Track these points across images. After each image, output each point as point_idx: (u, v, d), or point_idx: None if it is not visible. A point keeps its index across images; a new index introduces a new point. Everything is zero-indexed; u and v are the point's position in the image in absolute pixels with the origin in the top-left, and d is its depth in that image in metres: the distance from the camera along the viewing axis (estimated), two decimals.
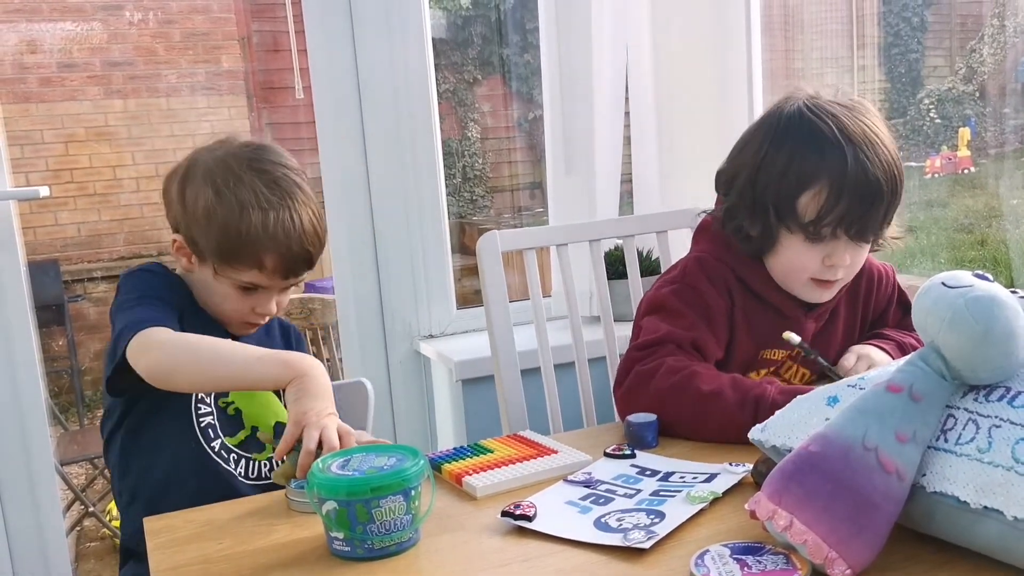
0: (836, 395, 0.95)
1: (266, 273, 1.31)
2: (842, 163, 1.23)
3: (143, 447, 1.34)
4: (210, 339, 1.23)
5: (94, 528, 3.45)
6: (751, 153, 1.31)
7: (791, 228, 1.29)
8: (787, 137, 1.28)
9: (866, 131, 1.25)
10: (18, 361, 1.97)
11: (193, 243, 1.33)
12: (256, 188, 1.29)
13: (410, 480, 0.94)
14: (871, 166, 1.23)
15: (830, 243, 1.28)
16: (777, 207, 1.29)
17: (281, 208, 1.29)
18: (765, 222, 1.30)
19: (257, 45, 5.98)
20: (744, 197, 1.32)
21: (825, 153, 1.24)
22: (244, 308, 1.35)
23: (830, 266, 1.30)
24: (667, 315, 1.33)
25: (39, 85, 5.68)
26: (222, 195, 1.29)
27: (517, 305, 1.70)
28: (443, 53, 5.06)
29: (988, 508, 0.79)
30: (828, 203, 1.24)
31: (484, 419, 2.07)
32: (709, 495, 1.02)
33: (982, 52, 3.92)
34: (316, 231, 1.33)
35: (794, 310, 1.37)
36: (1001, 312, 0.82)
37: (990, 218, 3.38)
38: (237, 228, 1.28)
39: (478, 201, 5.39)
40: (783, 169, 1.27)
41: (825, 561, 0.80)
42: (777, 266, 1.34)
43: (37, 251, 5.44)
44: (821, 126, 1.25)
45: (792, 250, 1.30)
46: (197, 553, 0.98)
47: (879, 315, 1.48)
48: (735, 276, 1.35)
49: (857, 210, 1.25)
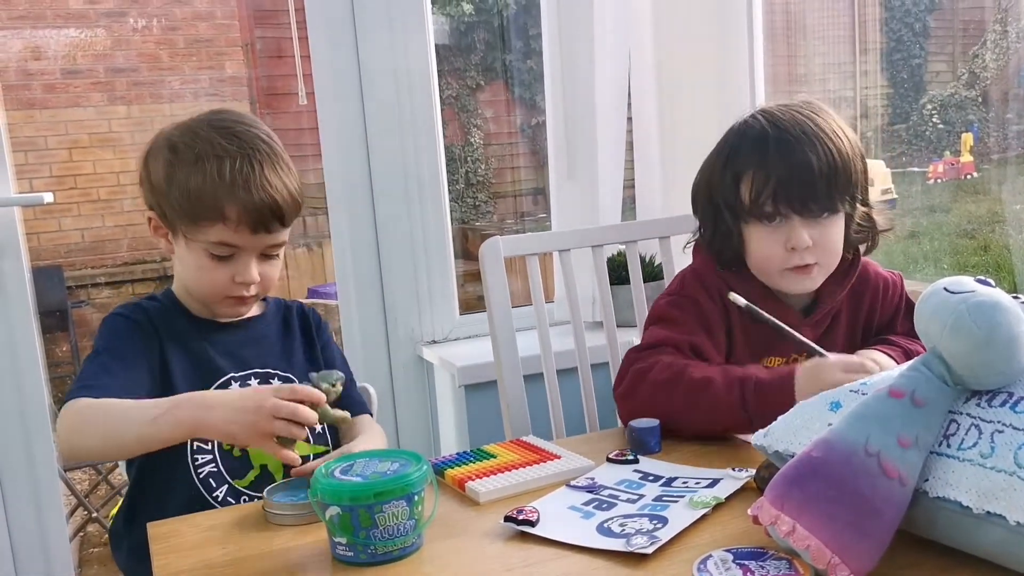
0: (838, 400, 0.95)
1: (231, 226, 1.26)
2: (764, 144, 1.29)
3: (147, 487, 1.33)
4: (113, 405, 1.17)
5: (97, 533, 3.45)
6: (704, 171, 1.40)
7: (745, 219, 1.33)
8: (725, 143, 1.36)
9: (796, 117, 1.31)
10: (22, 367, 1.97)
11: (163, 216, 1.30)
12: (213, 140, 1.26)
13: (413, 485, 0.94)
14: (795, 142, 1.28)
15: (784, 225, 1.30)
16: (728, 205, 1.34)
17: (239, 157, 1.25)
18: (725, 226, 1.35)
19: (260, 51, 5.99)
20: (706, 211, 1.39)
21: (753, 142, 1.31)
22: (223, 278, 1.29)
23: (792, 249, 1.31)
24: (665, 323, 1.37)
25: (43, 91, 5.69)
26: (178, 152, 1.27)
27: (520, 310, 1.70)
28: (446, 59, 5.08)
29: (991, 513, 0.79)
30: (758, 181, 1.29)
31: (487, 424, 2.07)
32: (712, 500, 1.02)
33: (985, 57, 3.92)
34: (283, 183, 1.28)
35: (791, 317, 1.37)
36: (1003, 318, 0.83)
37: (993, 223, 3.38)
38: (195, 181, 1.25)
39: (481, 207, 5.40)
40: (722, 169, 1.34)
41: (828, 566, 0.80)
42: (753, 267, 1.37)
43: (41, 257, 5.45)
44: (751, 123, 1.34)
45: (756, 242, 1.33)
46: (200, 558, 0.99)
47: (886, 323, 1.47)
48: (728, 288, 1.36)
49: (789, 182, 1.28)
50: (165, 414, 1.12)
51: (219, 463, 1.30)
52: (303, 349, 1.43)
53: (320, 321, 1.48)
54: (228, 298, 1.32)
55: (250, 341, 1.38)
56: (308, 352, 1.44)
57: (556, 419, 1.67)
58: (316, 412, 1.08)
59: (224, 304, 1.34)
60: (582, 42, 2.20)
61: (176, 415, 1.11)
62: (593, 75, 2.20)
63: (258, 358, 1.37)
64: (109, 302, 5.65)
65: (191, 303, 1.36)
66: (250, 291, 1.32)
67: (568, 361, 1.70)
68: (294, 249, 5.54)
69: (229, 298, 1.32)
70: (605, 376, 1.72)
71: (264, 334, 1.40)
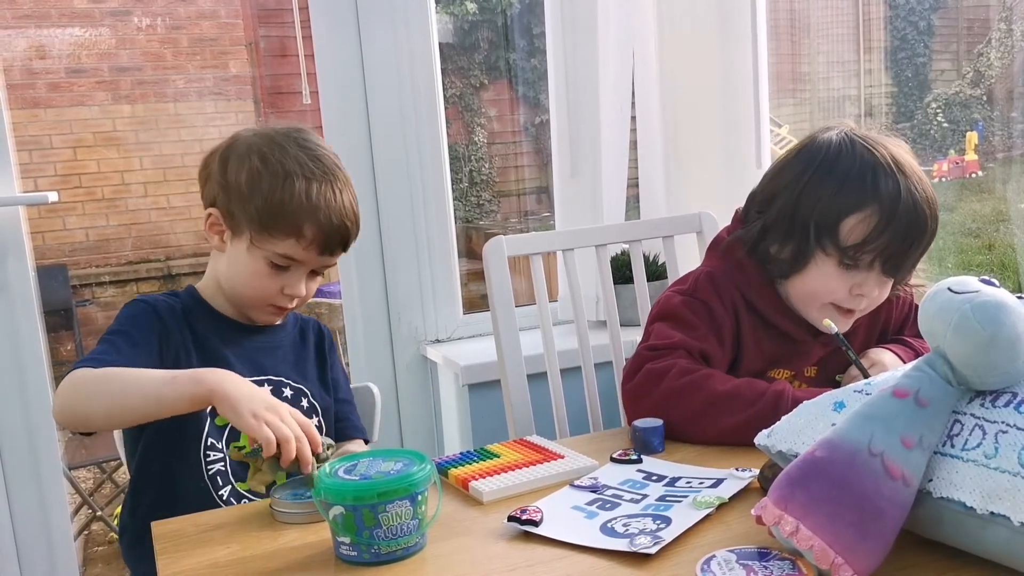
0: (842, 400, 0.95)
1: (303, 244, 1.30)
2: (896, 191, 1.23)
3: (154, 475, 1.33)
4: (122, 370, 1.18)
5: (102, 532, 3.46)
6: (794, 175, 1.30)
7: (828, 251, 1.27)
8: (839, 161, 1.27)
9: (913, 165, 1.27)
10: (26, 365, 1.98)
11: (230, 215, 1.32)
12: (300, 159, 1.30)
13: (417, 485, 0.94)
14: (919, 198, 1.24)
15: (863, 272, 1.28)
16: (820, 227, 1.27)
17: (324, 181, 1.30)
18: (802, 243, 1.28)
19: (264, 50, 6.00)
20: (783, 217, 1.30)
21: (879, 179, 1.24)
22: (273, 287, 1.33)
23: (857, 295, 1.29)
24: (678, 324, 1.34)
25: (47, 90, 5.70)
26: (267, 162, 1.29)
27: (523, 310, 1.70)
28: (450, 58, 5.07)
29: (995, 514, 0.79)
30: (876, 229, 1.24)
31: (490, 424, 2.07)
32: (715, 500, 1.02)
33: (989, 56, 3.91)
34: (354, 211, 1.35)
35: (803, 335, 1.36)
36: (1007, 317, 0.82)
37: (997, 222, 3.38)
38: (281, 195, 1.28)
39: (485, 206, 5.39)
40: (834, 190, 1.25)
41: (831, 567, 0.80)
42: (800, 288, 1.32)
43: (46, 256, 5.46)
44: (876, 153, 1.25)
45: (823, 274, 1.29)
46: (204, 557, 0.99)
47: (896, 331, 1.47)
48: (742, 297, 1.36)
49: (900, 241, 1.24)
50: (184, 375, 1.14)
51: (227, 463, 1.32)
52: (315, 364, 1.45)
53: (332, 341, 1.51)
54: (271, 306, 1.36)
55: (268, 348, 1.40)
56: (319, 369, 1.46)
57: (559, 419, 1.67)
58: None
59: (264, 311, 1.37)
60: (586, 41, 2.20)
61: (197, 375, 1.13)
62: (597, 74, 2.20)
63: (273, 366, 1.38)
64: (113, 301, 5.66)
65: (219, 302, 1.37)
66: (293, 303, 1.36)
67: (571, 360, 1.70)
68: None
69: (272, 306, 1.36)
70: (609, 376, 1.72)
71: (281, 343, 1.42)
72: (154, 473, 1.33)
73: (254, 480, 1.12)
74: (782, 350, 1.36)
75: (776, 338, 1.36)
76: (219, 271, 1.36)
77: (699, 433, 1.23)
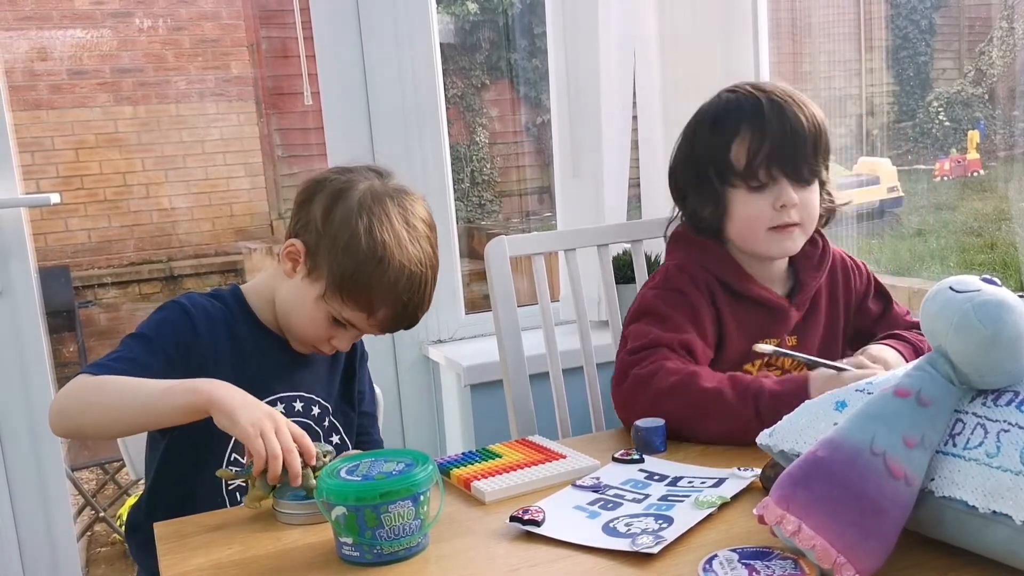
0: (844, 400, 0.95)
1: (371, 321, 1.29)
2: (758, 107, 1.34)
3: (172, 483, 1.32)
4: (119, 379, 1.17)
5: (104, 533, 3.46)
6: (683, 141, 1.44)
7: (733, 183, 1.37)
8: (708, 110, 1.41)
9: (776, 86, 1.38)
10: (29, 367, 1.98)
11: (313, 259, 1.28)
12: (402, 241, 1.26)
13: (419, 485, 0.94)
14: (785, 106, 1.34)
15: (773, 188, 1.35)
16: (715, 168, 1.37)
17: (417, 272, 1.28)
18: (711, 190, 1.38)
19: (266, 51, 6.00)
20: (688, 177, 1.42)
21: (742, 104, 1.36)
22: (323, 335, 1.31)
23: (782, 207, 1.35)
24: (654, 319, 1.36)
25: (49, 92, 5.71)
26: (371, 234, 1.25)
27: (525, 310, 1.70)
28: (451, 58, 5.07)
29: (997, 513, 0.79)
30: (754, 144, 1.34)
31: (492, 424, 2.07)
32: (717, 500, 1.02)
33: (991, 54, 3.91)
34: (430, 301, 1.32)
35: (777, 299, 1.42)
36: (1009, 316, 0.82)
37: (999, 221, 3.38)
38: (370, 274, 1.25)
39: (486, 206, 5.39)
40: (709, 132, 1.38)
41: (833, 566, 0.80)
42: (737, 230, 1.39)
43: (48, 257, 5.47)
44: (736, 91, 1.39)
45: (743, 205, 1.37)
46: (207, 558, 0.99)
47: (858, 305, 1.52)
48: (715, 278, 1.40)
49: (783, 146, 1.33)
50: (181, 384, 1.12)
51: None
52: (341, 380, 1.44)
53: (366, 355, 1.50)
54: (313, 348, 1.35)
55: (303, 364, 1.38)
56: (344, 385, 1.45)
57: (561, 418, 1.67)
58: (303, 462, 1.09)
59: (303, 347, 1.35)
60: (587, 41, 2.20)
61: (193, 384, 1.12)
62: (598, 74, 2.20)
63: (304, 382, 1.37)
64: (116, 302, 5.67)
65: (265, 314, 1.35)
66: (332, 352, 1.35)
67: (574, 360, 1.70)
68: None
69: (314, 348, 1.35)
70: (611, 375, 1.72)
71: (316, 359, 1.40)
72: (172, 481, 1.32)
73: (249, 498, 1.10)
74: (762, 320, 1.40)
75: (753, 309, 1.41)
76: (278, 292, 1.33)
77: (689, 432, 1.24)
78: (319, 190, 1.31)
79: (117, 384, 1.16)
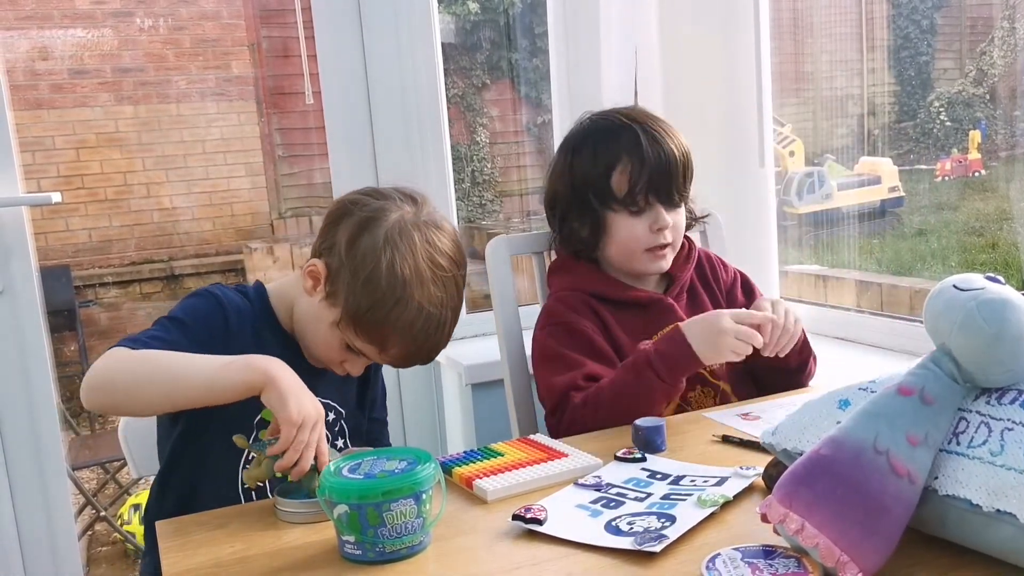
0: (847, 398, 0.94)
1: (383, 355, 1.28)
2: (636, 139, 1.45)
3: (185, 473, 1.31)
4: (165, 353, 1.15)
5: (105, 532, 3.47)
6: (560, 166, 1.52)
7: (614, 207, 1.47)
8: (586, 137, 1.49)
9: (646, 114, 1.50)
10: (30, 366, 1.98)
11: (333, 284, 1.25)
12: (424, 282, 1.23)
13: (421, 484, 0.94)
14: (660, 136, 1.45)
15: (650, 212, 1.46)
16: (596, 194, 1.47)
17: (436, 314, 1.24)
18: (592, 214, 1.48)
19: (267, 51, 6.01)
20: (568, 202, 1.50)
21: (620, 136, 1.46)
22: (335, 359, 1.30)
23: (658, 230, 1.46)
24: (553, 364, 1.44)
25: (50, 91, 5.72)
26: (393, 271, 1.21)
27: (526, 309, 1.70)
28: (452, 58, 5.08)
29: (1000, 511, 0.79)
30: (634, 174, 1.44)
31: (494, 423, 2.07)
32: (720, 498, 1.01)
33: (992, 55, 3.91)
34: (447, 340, 1.30)
35: (655, 295, 1.52)
36: (1012, 315, 0.82)
37: (1001, 221, 3.38)
38: (387, 312, 1.22)
39: (487, 205, 5.40)
40: (590, 161, 1.47)
41: (837, 564, 0.79)
42: (614, 248, 1.49)
43: (49, 257, 5.47)
44: (610, 118, 1.49)
45: (621, 228, 1.47)
46: (209, 556, 0.99)
47: (727, 293, 1.61)
48: (592, 296, 1.49)
49: (659, 175, 1.44)
50: (238, 360, 1.11)
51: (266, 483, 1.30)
52: (356, 389, 1.44)
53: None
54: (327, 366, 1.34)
55: (321, 369, 1.36)
56: (360, 393, 1.45)
57: None
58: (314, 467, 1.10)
59: (317, 361, 1.34)
60: (588, 40, 2.20)
61: (251, 361, 1.11)
62: (599, 74, 2.20)
63: (321, 388, 1.34)
64: (116, 301, 5.67)
65: (284, 317, 1.34)
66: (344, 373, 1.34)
67: None
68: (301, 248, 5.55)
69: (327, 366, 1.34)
70: None
71: None
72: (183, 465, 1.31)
73: (250, 473, 1.11)
74: (647, 318, 1.49)
75: (636, 311, 1.50)
76: (297, 304, 1.32)
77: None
78: (349, 213, 1.27)
79: (171, 359, 1.14)
